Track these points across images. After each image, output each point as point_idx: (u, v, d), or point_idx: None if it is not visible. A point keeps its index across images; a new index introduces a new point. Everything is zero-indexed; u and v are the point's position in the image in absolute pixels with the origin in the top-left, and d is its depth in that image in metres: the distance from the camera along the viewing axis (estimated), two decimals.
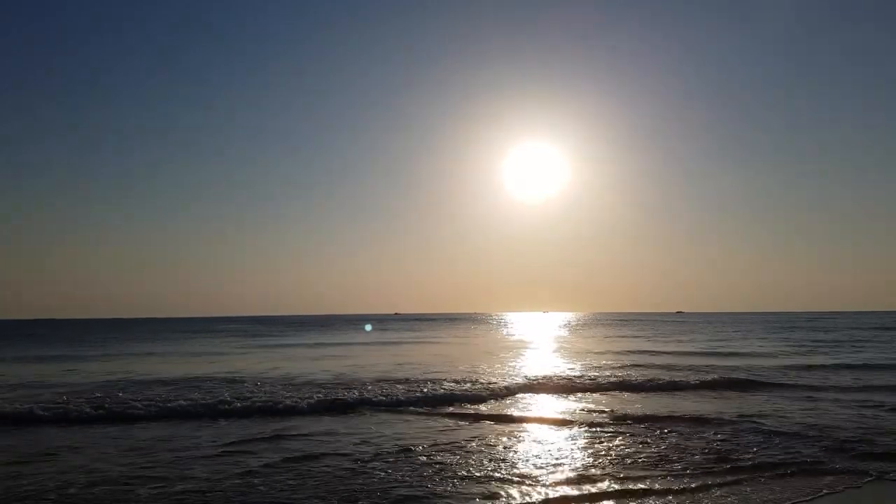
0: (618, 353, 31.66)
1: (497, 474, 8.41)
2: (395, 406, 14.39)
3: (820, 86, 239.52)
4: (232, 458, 9.35)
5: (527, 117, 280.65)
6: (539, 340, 45.89)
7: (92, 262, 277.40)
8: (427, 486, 7.81)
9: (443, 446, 10.06)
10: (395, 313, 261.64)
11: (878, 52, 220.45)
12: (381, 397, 15.32)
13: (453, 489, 7.73)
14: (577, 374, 20.67)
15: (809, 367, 22.97)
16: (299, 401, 14.63)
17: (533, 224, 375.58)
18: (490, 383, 17.83)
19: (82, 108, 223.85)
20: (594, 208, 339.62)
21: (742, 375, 20.01)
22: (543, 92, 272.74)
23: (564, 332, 60.93)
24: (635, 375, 19.99)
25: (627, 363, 25.25)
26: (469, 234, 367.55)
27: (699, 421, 12.12)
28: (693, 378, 19.17)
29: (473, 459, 9.16)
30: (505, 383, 17.85)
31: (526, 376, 19.69)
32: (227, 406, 13.96)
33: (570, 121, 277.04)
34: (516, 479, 8.20)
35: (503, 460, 9.17)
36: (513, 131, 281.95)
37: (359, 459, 9.20)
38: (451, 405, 14.53)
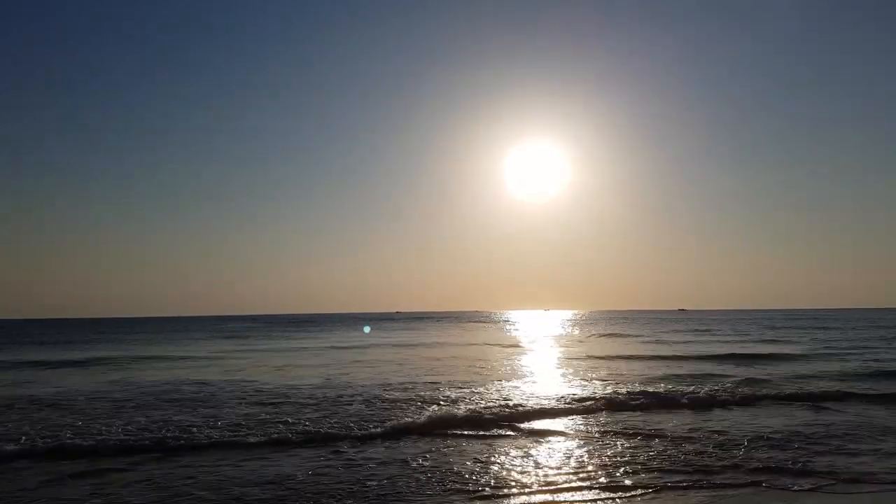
0: (639, 357, 28.58)
1: None
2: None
3: (821, 85, 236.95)
4: None
5: (528, 117, 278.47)
6: (545, 342, 42.84)
7: (92, 262, 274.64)
8: None
9: None
10: (397, 312, 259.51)
11: (879, 52, 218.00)
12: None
13: None
14: (621, 391, 17.56)
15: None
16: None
17: (534, 223, 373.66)
18: (487, 406, 14.77)
19: (82, 108, 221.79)
20: (595, 207, 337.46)
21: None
22: (545, 91, 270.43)
23: (572, 333, 57.90)
24: (682, 388, 16.89)
25: (668, 373, 22.14)
26: (470, 232, 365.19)
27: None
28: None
29: None
30: (509, 404, 14.78)
31: (534, 394, 16.59)
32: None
33: (572, 120, 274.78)
34: None
35: None
36: (514, 131, 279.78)
37: None
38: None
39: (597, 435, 11.07)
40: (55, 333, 68.38)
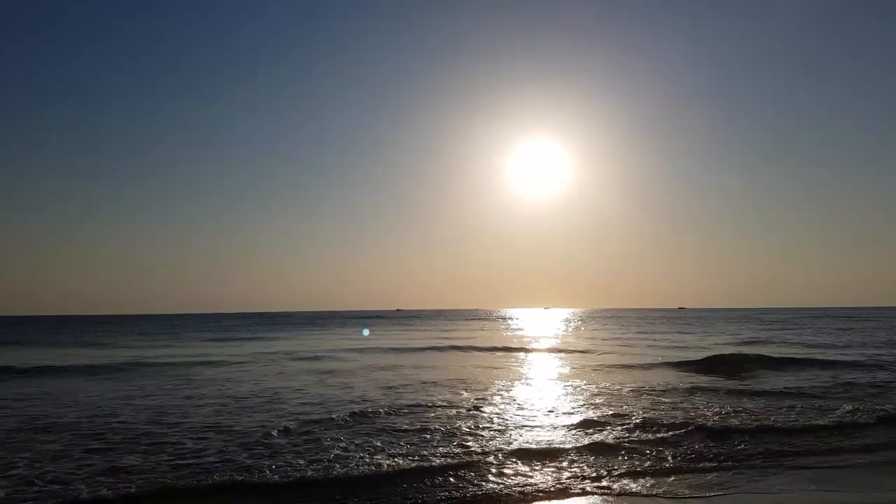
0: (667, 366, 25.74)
1: None
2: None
3: (821, 85, 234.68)
4: None
5: (529, 115, 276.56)
6: (550, 347, 40.04)
7: (92, 261, 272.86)
8: None
9: None
10: (398, 309, 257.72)
11: (881, 52, 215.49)
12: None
13: None
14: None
15: None
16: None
17: (534, 221, 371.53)
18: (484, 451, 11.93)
19: (82, 108, 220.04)
20: (596, 205, 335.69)
21: None
22: (547, 90, 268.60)
23: (576, 334, 55.15)
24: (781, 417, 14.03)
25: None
26: (471, 231, 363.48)
27: None
28: None
29: None
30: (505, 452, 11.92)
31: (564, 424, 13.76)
32: None
33: (573, 119, 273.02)
34: None
35: None
36: (515, 129, 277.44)
37: None
38: None
39: None
40: (55, 332, 67.04)
